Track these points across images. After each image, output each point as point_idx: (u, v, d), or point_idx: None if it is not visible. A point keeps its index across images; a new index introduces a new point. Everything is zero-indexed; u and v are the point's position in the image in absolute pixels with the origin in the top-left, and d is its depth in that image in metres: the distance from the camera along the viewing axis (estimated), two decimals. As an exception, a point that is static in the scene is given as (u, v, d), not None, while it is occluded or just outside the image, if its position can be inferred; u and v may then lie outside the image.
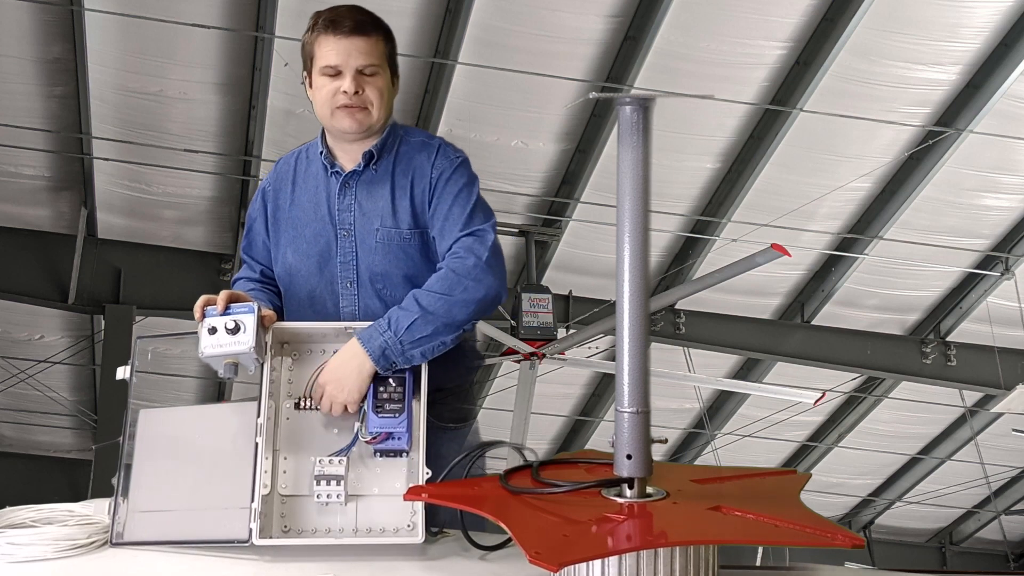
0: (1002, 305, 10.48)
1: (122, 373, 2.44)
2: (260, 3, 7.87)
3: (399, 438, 2.37)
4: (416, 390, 2.42)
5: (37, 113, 8.84)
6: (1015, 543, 14.40)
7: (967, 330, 10.91)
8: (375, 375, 2.44)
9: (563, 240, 9.88)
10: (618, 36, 8.14)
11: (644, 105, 2.04)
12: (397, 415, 2.37)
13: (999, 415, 11.48)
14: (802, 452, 12.78)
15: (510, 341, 8.24)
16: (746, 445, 12.11)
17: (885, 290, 10.64)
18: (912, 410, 11.97)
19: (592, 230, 9.55)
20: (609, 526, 2.00)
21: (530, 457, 2.36)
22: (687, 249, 10.14)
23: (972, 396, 11.71)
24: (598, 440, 12.01)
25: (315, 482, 2.35)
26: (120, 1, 7.88)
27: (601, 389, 11.68)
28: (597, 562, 1.90)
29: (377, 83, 2.70)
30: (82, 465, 11.58)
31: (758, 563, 8.41)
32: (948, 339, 11.05)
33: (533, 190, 9.53)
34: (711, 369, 11.24)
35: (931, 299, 10.83)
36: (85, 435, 11.95)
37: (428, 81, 8.42)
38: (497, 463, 2.53)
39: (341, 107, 2.68)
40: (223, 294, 2.51)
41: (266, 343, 2.44)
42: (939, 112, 8.74)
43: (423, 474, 2.34)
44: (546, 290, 8.87)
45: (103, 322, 10.02)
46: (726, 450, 12.19)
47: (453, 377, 2.78)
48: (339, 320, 2.63)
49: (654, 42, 7.97)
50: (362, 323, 2.50)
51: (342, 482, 2.34)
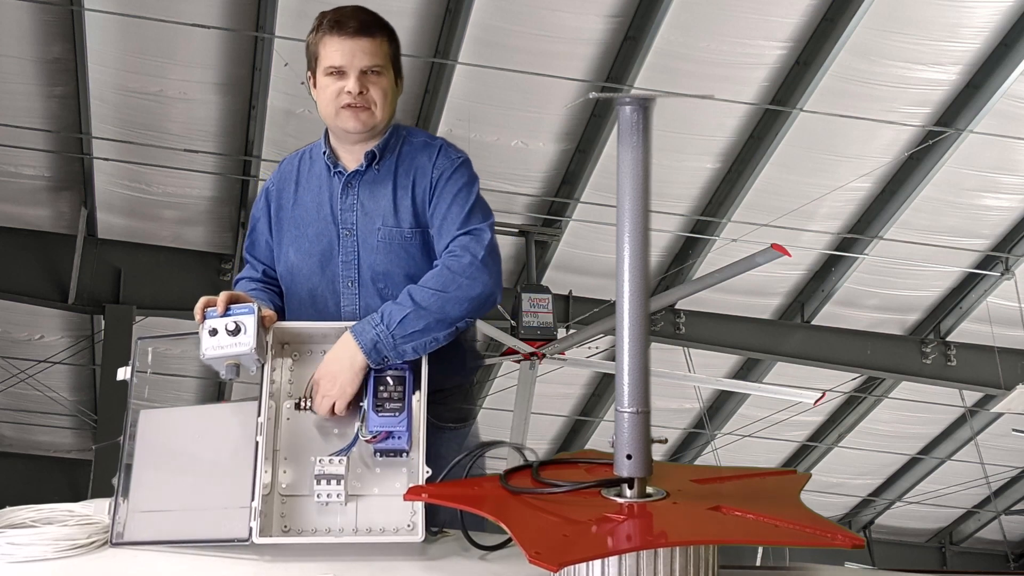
0: (1002, 305, 10.48)
1: (123, 374, 2.44)
2: (260, 3, 7.87)
3: (399, 437, 2.37)
4: (416, 389, 2.42)
5: (37, 113, 8.84)
6: (1015, 543, 14.40)
7: (967, 330, 10.91)
8: (368, 371, 2.44)
9: (563, 240, 9.88)
10: (618, 36, 8.14)
11: (644, 105, 2.04)
12: (397, 414, 2.37)
13: (999, 415, 11.48)
14: (802, 452, 12.78)
15: (510, 341, 8.24)
16: (746, 445, 12.11)
17: (885, 290, 10.64)
18: (912, 410, 11.97)
19: (592, 230, 9.55)
20: (609, 526, 2.00)
21: (530, 457, 2.36)
22: (687, 249, 10.14)
23: (972, 396, 11.71)
24: (598, 440, 12.01)
25: (315, 481, 2.35)
26: (120, 1, 7.88)
27: (601, 389, 11.68)
28: (597, 562, 1.90)
29: (381, 83, 2.71)
30: (82, 465, 11.58)
31: (758, 563, 8.41)
32: (948, 339, 11.05)
33: (533, 190, 9.53)
34: (711, 369, 11.24)
35: (931, 299, 10.83)
36: (85, 435, 11.96)
37: (428, 81, 8.43)
38: (497, 463, 2.53)
39: (345, 107, 2.70)
40: (223, 295, 2.49)
41: (267, 343, 2.45)
42: (939, 112, 8.74)
43: (423, 474, 2.34)
44: (546, 290, 8.87)
45: (103, 322, 10.02)
46: (726, 450, 12.19)
47: (453, 377, 2.78)
48: (340, 319, 2.63)
49: (654, 42, 7.97)
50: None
51: (342, 482, 2.34)
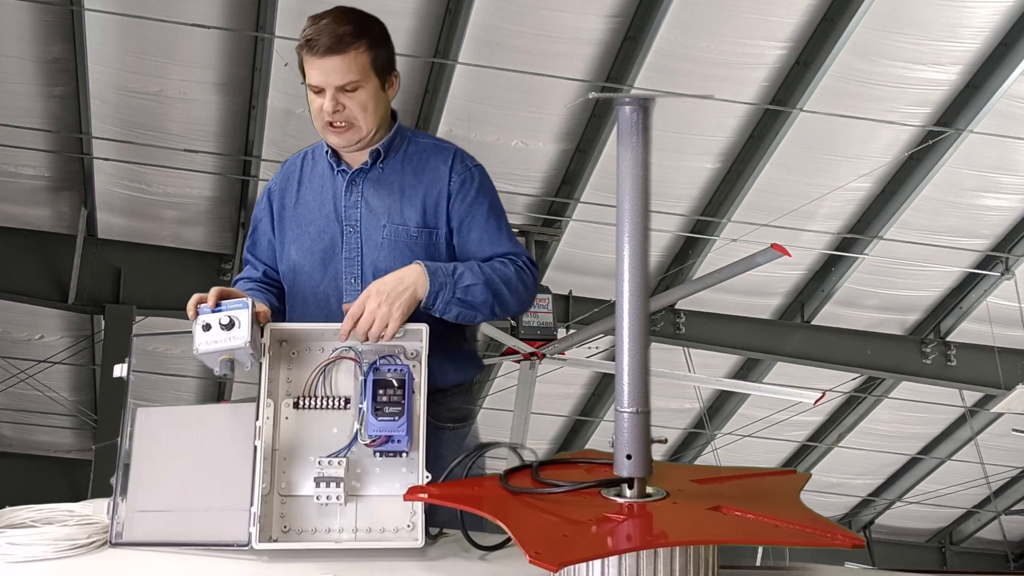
0: (1002, 305, 10.48)
1: (119, 371, 2.43)
2: (260, 3, 7.87)
3: (399, 441, 2.37)
4: (415, 391, 2.42)
5: (37, 113, 8.84)
6: (1015, 543, 14.41)
7: (967, 330, 10.91)
8: (369, 372, 2.42)
9: (563, 240, 9.88)
10: (618, 36, 8.14)
11: (644, 105, 2.03)
12: (396, 418, 2.37)
13: (999, 415, 11.48)
14: (802, 452, 12.78)
15: (510, 341, 8.24)
16: (746, 445, 12.11)
17: (885, 290, 10.64)
18: (912, 410, 11.97)
19: (592, 230, 9.55)
20: (609, 526, 2.00)
21: (529, 457, 2.36)
22: (687, 249, 10.14)
23: (972, 396, 11.71)
24: (598, 440, 12.01)
25: (315, 484, 2.35)
26: (120, 1, 7.88)
27: (601, 389, 11.68)
28: (597, 562, 1.90)
29: (359, 98, 2.68)
30: (82, 465, 11.58)
31: (758, 563, 8.40)
32: (948, 339, 11.05)
33: (533, 190, 9.53)
34: (711, 369, 11.24)
35: (931, 299, 10.84)
36: (85, 435, 11.96)
37: (428, 81, 8.43)
38: (498, 463, 2.53)
39: (328, 124, 2.71)
40: (214, 290, 2.46)
41: (262, 341, 2.44)
42: (939, 112, 8.74)
43: (423, 474, 2.34)
44: (546, 290, 8.86)
45: (103, 322, 10.02)
46: (726, 450, 12.19)
47: (452, 378, 2.78)
48: (343, 317, 2.62)
49: (654, 42, 7.97)
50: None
51: (341, 484, 2.34)
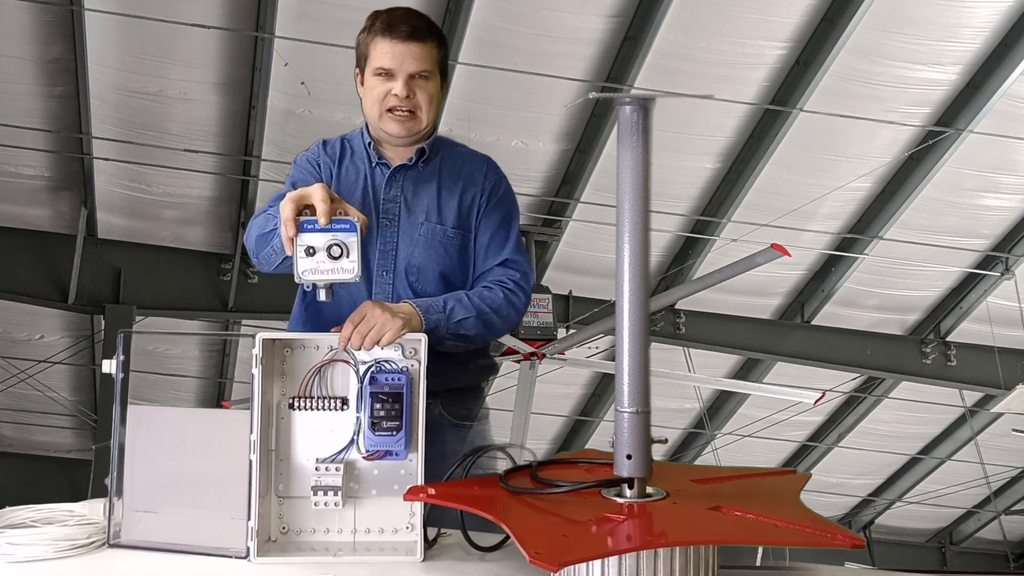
0: (1002, 305, 10.48)
1: (108, 366, 2.42)
2: (260, 3, 7.87)
3: (397, 454, 2.37)
4: (414, 403, 2.40)
5: (37, 113, 8.84)
6: (1015, 543, 14.41)
7: (967, 330, 10.92)
8: (368, 381, 2.41)
9: (563, 240, 9.88)
10: (618, 36, 8.14)
11: (644, 105, 2.03)
12: (395, 432, 2.36)
13: (999, 415, 11.48)
14: (802, 452, 12.79)
15: (510, 341, 8.23)
16: (746, 445, 12.11)
17: (885, 290, 10.64)
18: (912, 410, 11.97)
19: (592, 230, 9.55)
20: (609, 526, 2.00)
21: (528, 457, 2.36)
22: (687, 249, 10.14)
23: (972, 396, 11.72)
24: (598, 440, 12.01)
25: (312, 492, 2.35)
26: (120, 1, 7.88)
27: (601, 389, 11.68)
28: (597, 562, 1.90)
29: (428, 88, 2.74)
30: (82, 465, 11.59)
31: (758, 563, 8.40)
32: (948, 339, 11.06)
33: (533, 190, 9.53)
34: (711, 369, 11.25)
35: (931, 299, 10.84)
36: (85, 435, 11.96)
37: (428, 81, 8.43)
38: (499, 463, 2.53)
39: (390, 110, 2.73)
40: (325, 206, 2.21)
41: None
42: (939, 112, 8.75)
43: (422, 475, 2.34)
44: (546, 290, 8.86)
45: (103, 322, 10.02)
46: (726, 450, 12.19)
47: (466, 378, 2.83)
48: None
49: (654, 42, 7.97)
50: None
51: (339, 492, 2.34)
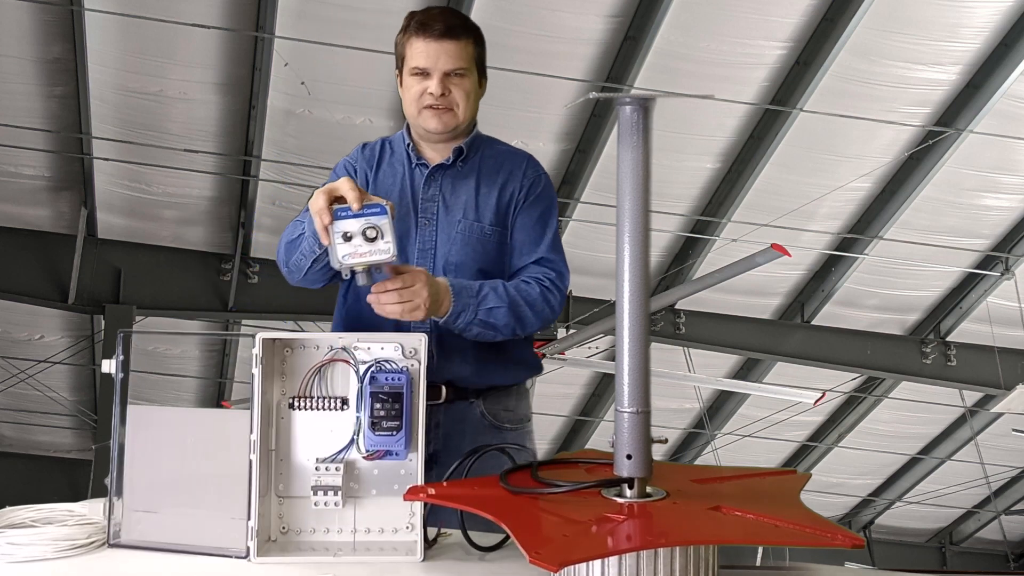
0: (1002, 305, 10.48)
1: (108, 366, 2.42)
2: (260, 3, 7.87)
3: (397, 454, 2.37)
4: (414, 403, 2.40)
5: (37, 113, 8.84)
6: (1015, 543, 14.41)
7: (967, 330, 10.92)
8: (368, 381, 2.40)
9: (563, 240, 9.87)
10: (618, 36, 8.15)
11: (644, 105, 2.03)
12: (395, 432, 2.36)
13: (999, 415, 11.49)
14: (802, 452, 12.79)
15: (510, 341, 8.22)
16: (746, 445, 12.11)
17: (885, 290, 10.65)
18: (912, 410, 11.98)
19: (592, 230, 9.55)
20: (609, 526, 2.00)
21: (527, 458, 2.36)
22: (687, 249, 10.14)
23: (972, 396, 11.72)
24: (598, 440, 12.01)
25: (312, 492, 2.35)
26: (120, 1, 7.88)
27: (601, 389, 11.69)
28: (597, 562, 1.90)
29: (464, 85, 2.76)
30: (82, 465, 11.59)
31: (758, 563, 8.40)
32: (948, 339, 11.06)
33: (533, 190, 9.52)
34: (711, 369, 11.25)
35: (931, 299, 10.84)
36: (85, 435, 11.96)
37: (428, 81, 8.43)
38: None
39: (427, 107, 2.75)
40: (355, 193, 2.32)
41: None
42: (939, 112, 8.75)
43: (422, 474, 2.34)
44: (546, 290, 8.85)
45: (103, 322, 10.02)
46: (726, 450, 12.20)
47: (506, 375, 2.82)
48: None
49: (654, 42, 7.97)
50: (352, 334, 2.47)
51: (339, 492, 2.34)
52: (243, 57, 8.37)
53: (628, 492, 2.06)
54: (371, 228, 2.32)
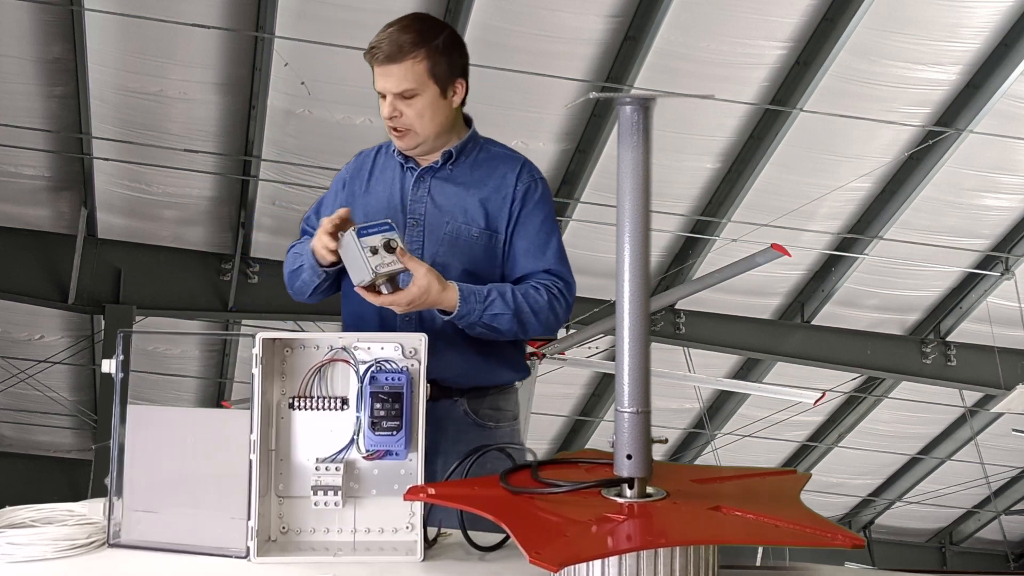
0: (1002, 305, 10.48)
1: (108, 366, 2.43)
2: (260, 3, 7.87)
3: (397, 453, 2.37)
4: (414, 403, 2.40)
5: (37, 113, 8.84)
6: (1015, 543, 14.41)
7: (967, 330, 10.92)
8: (367, 382, 2.40)
9: (563, 239, 9.87)
10: (618, 36, 8.15)
11: (644, 105, 2.03)
12: (395, 432, 2.36)
13: (999, 415, 11.49)
14: (802, 452, 12.79)
15: (510, 341, 8.22)
16: (746, 445, 12.11)
17: (885, 290, 10.64)
18: (912, 410, 11.98)
19: (592, 230, 9.55)
20: (609, 526, 2.00)
21: (527, 458, 2.36)
22: (687, 249, 10.14)
23: (972, 396, 11.72)
24: (598, 440, 12.01)
25: (312, 492, 2.35)
26: (120, 1, 7.88)
27: (601, 389, 11.68)
28: (597, 562, 1.90)
29: (416, 105, 2.77)
30: (82, 465, 11.59)
31: (758, 563, 8.40)
32: (948, 339, 11.06)
33: (533, 190, 9.51)
34: (711, 369, 11.25)
35: (931, 299, 10.84)
36: (85, 435, 11.96)
37: (428, 81, 8.41)
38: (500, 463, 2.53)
39: (390, 128, 2.82)
40: (344, 215, 2.62)
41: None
42: (939, 112, 8.75)
43: (422, 474, 2.34)
44: (546, 290, 8.85)
45: (103, 322, 10.02)
46: (726, 450, 12.20)
47: (490, 377, 2.84)
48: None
49: (654, 42, 7.97)
50: (352, 334, 2.47)
51: (339, 492, 2.34)
52: (243, 57, 8.37)
53: (628, 492, 2.06)
54: (391, 241, 2.57)
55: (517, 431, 2.95)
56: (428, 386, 2.38)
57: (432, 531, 2.36)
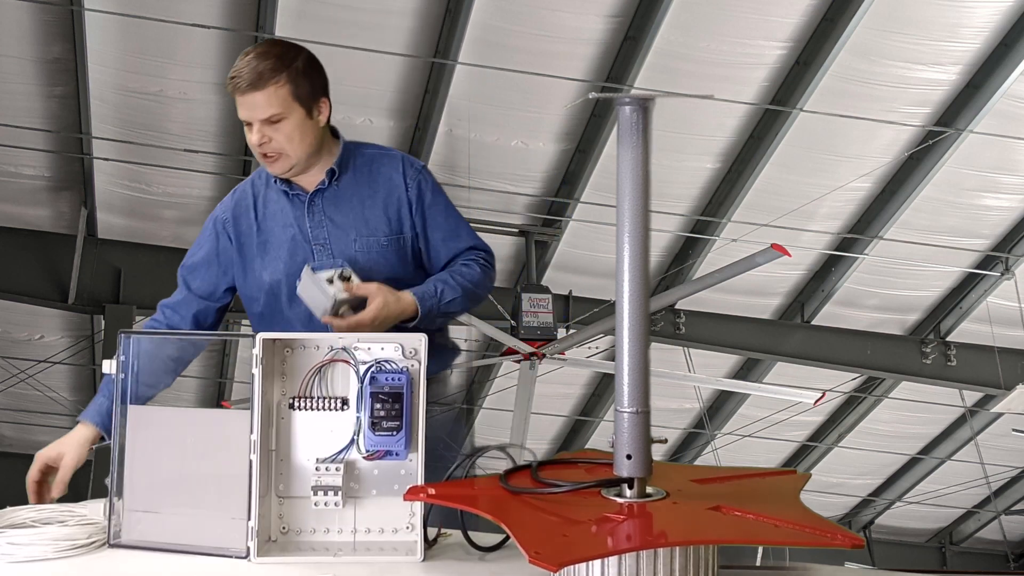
0: (1002, 305, 10.48)
1: (108, 366, 2.43)
2: (260, 3, 7.87)
3: (397, 454, 2.37)
4: (414, 403, 2.41)
5: (37, 113, 8.84)
6: (1015, 543, 14.41)
7: (967, 330, 10.92)
8: (367, 382, 2.41)
9: (563, 240, 9.88)
10: (618, 36, 8.15)
11: (644, 105, 2.03)
12: (395, 432, 2.36)
13: (999, 415, 11.49)
14: (802, 452, 12.79)
15: (510, 341, 8.25)
16: (746, 445, 12.11)
17: (885, 290, 10.64)
18: (912, 410, 11.97)
19: (592, 230, 9.55)
20: (609, 526, 2.00)
21: (527, 457, 2.36)
22: (687, 249, 10.14)
23: (972, 396, 11.72)
24: (598, 440, 12.01)
25: (312, 492, 2.35)
26: (120, 1, 7.88)
27: (601, 389, 11.68)
28: (597, 562, 1.90)
29: (284, 129, 2.81)
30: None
31: (758, 563, 8.41)
32: (948, 339, 11.05)
33: (533, 190, 9.53)
34: (711, 369, 11.25)
35: (931, 299, 10.84)
36: (85, 435, 11.94)
37: (428, 81, 8.42)
38: (499, 463, 2.53)
39: (262, 155, 2.86)
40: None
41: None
42: (939, 112, 8.75)
43: (422, 474, 2.34)
44: (546, 290, 8.88)
45: (103, 322, 10.02)
46: (726, 450, 12.20)
47: (433, 366, 2.85)
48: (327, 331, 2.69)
49: (654, 42, 7.97)
50: (352, 334, 2.48)
51: (339, 492, 2.34)
52: (243, 57, 8.36)
53: (628, 492, 2.06)
54: (343, 271, 2.74)
55: (461, 418, 3.12)
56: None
57: (432, 531, 2.36)
